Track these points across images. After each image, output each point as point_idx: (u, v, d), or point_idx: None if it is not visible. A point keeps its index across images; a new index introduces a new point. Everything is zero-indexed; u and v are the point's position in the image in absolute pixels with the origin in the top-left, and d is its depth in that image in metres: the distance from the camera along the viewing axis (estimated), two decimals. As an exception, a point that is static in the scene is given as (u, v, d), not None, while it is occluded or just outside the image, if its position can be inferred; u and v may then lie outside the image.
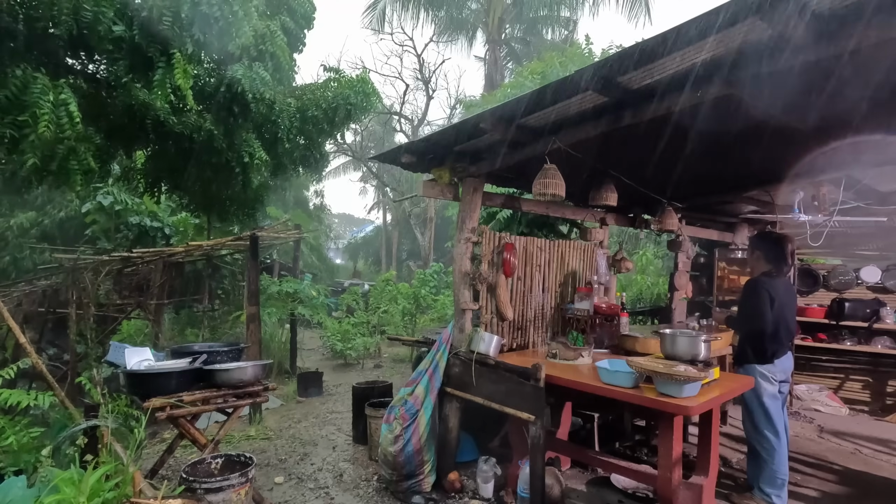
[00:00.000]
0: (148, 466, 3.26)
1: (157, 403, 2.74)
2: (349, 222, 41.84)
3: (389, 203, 24.31)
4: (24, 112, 3.09)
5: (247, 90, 4.17)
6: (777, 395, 3.17)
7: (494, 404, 3.11)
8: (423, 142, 3.55)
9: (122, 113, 4.06)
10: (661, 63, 2.24)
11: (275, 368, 6.98)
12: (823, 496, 3.42)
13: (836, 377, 5.73)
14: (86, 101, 3.80)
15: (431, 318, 9.93)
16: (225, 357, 3.33)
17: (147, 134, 4.35)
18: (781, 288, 3.21)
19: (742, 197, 4.83)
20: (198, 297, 7.81)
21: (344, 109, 5.27)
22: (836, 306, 5.52)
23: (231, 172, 4.91)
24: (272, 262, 9.88)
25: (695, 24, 1.88)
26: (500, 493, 3.30)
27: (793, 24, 1.83)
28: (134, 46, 3.45)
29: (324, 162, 6.03)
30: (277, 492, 3.48)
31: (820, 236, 4.21)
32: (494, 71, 16.98)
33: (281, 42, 4.43)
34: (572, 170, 3.24)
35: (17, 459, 2.47)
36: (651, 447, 4.06)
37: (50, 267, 6.89)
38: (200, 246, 6.02)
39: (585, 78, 2.37)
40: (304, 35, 5.22)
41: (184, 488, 2.30)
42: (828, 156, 3.20)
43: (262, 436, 4.63)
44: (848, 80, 2.20)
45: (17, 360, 2.98)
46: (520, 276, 3.92)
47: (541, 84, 3.36)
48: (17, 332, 2.87)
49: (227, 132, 4.64)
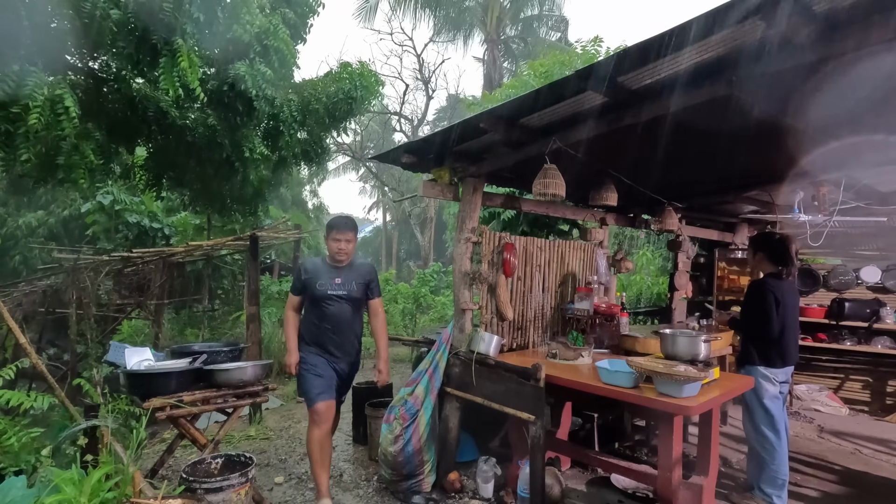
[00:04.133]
0: (148, 466, 3.26)
1: (157, 403, 2.74)
2: (349, 222, 41.76)
3: (389, 203, 24.32)
4: (14, 106, 3.09)
5: (250, 87, 4.17)
6: (778, 396, 3.17)
7: (494, 404, 3.11)
8: (423, 142, 3.55)
9: (123, 106, 4.06)
10: (661, 63, 2.24)
11: (275, 368, 6.97)
12: (823, 496, 3.42)
13: (836, 377, 5.73)
14: (86, 97, 3.80)
15: (431, 318, 9.92)
16: (225, 357, 3.33)
17: (149, 126, 4.35)
18: (787, 291, 3.21)
19: (742, 197, 4.82)
20: (198, 297, 7.81)
21: (345, 103, 5.27)
22: (836, 306, 5.51)
23: (232, 168, 4.92)
24: (272, 262, 9.88)
25: (695, 24, 1.88)
26: (500, 493, 3.30)
27: (793, 24, 1.83)
28: (136, 36, 3.44)
29: (325, 157, 6.04)
30: (277, 492, 3.48)
31: (820, 236, 4.21)
32: (493, 70, 16.99)
33: (284, 36, 4.43)
34: (572, 170, 3.24)
35: (17, 459, 2.47)
36: (651, 447, 4.06)
37: (50, 267, 6.89)
38: (200, 246, 6.02)
39: (586, 78, 2.37)
40: (308, 24, 5.21)
41: (184, 488, 2.30)
42: (828, 156, 3.20)
43: (262, 436, 4.63)
44: (848, 79, 2.20)
45: (17, 360, 2.98)
46: (520, 276, 3.92)
47: (545, 82, 3.36)
48: (17, 332, 2.87)
49: (230, 128, 4.64)
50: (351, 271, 3.22)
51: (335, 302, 3.14)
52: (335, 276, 3.17)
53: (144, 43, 3.51)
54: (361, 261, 3.40)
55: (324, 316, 3.14)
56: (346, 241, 3.16)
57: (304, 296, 3.22)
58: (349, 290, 3.18)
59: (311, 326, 3.19)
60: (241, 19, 3.69)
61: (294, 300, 3.27)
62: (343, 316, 3.17)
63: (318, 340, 3.16)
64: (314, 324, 3.17)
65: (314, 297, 3.14)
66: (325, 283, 3.14)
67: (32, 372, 3.46)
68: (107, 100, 4.12)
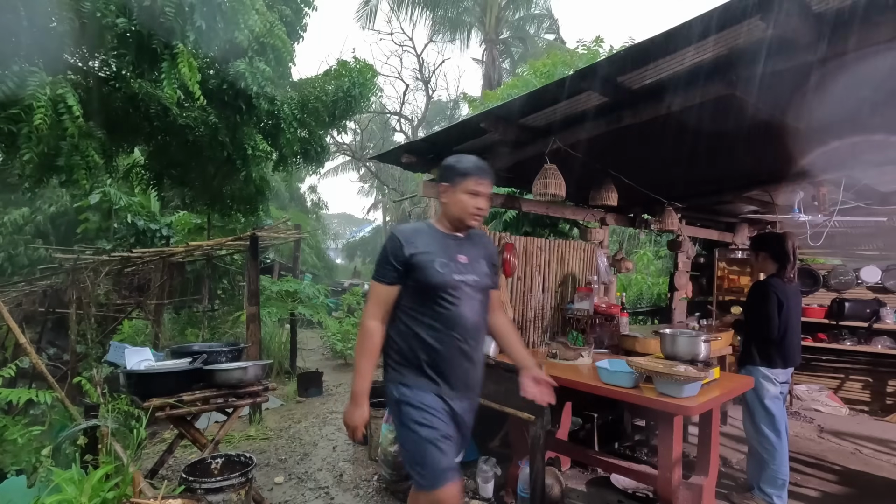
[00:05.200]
0: (148, 466, 3.26)
1: (157, 403, 2.74)
2: (349, 222, 41.87)
3: (389, 203, 24.32)
4: (16, 106, 3.09)
5: (250, 85, 4.17)
6: (779, 396, 3.17)
7: (494, 404, 3.11)
8: (424, 142, 3.55)
9: (124, 105, 4.06)
10: (660, 63, 2.24)
11: (275, 368, 6.98)
12: (823, 496, 3.42)
13: (836, 377, 5.73)
14: (86, 96, 3.80)
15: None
16: (225, 357, 3.33)
17: (151, 124, 4.35)
18: (790, 292, 3.21)
19: (742, 197, 4.83)
20: (198, 298, 7.80)
21: (344, 101, 5.29)
22: (836, 306, 5.51)
23: (233, 167, 4.92)
24: (272, 263, 9.88)
25: (695, 24, 1.89)
26: (500, 493, 3.30)
27: (793, 24, 1.83)
28: (138, 41, 3.44)
29: (325, 154, 6.04)
30: (277, 492, 3.48)
31: (820, 236, 4.21)
32: (492, 70, 17.00)
33: (281, 33, 4.44)
34: (572, 170, 3.24)
35: (17, 459, 2.47)
36: (651, 447, 4.06)
37: (50, 267, 6.89)
38: (200, 246, 6.01)
39: (586, 78, 2.37)
40: (304, 20, 5.22)
41: (184, 488, 2.30)
42: (828, 156, 3.20)
43: (262, 436, 4.63)
44: (848, 79, 2.20)
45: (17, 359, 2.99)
46: (520, 276, 3.92)
47: (546, 82, 3.36)
48: (16, 332, 2.87)
49: (231, 126, 4.65)
50: (473, 245, 2.05)
51: (463, 294, 1.93)
52: (457, 252, 1.97)
53: (145, 48, 3.51)
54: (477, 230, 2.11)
55: (443, 319, 1.91)
56: (487, 196, 1.99)
57: (404, 286, 1.94)
58: (479, 274, 2.00)
59: (413, 340, 1.93)
60: (239, 25, 3.70)
61: (387, 295, 1.94)
62: (473, 319, 1.97)
63: (432, 363, 1.92)
64: (421, 335, 1.92)
65: (428, 286, 1.89)
66: (447, 263, 1.91)
67: (32, 372, 3.46)
68: (107, 98, 4.12)
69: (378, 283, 1.94)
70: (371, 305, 1.95)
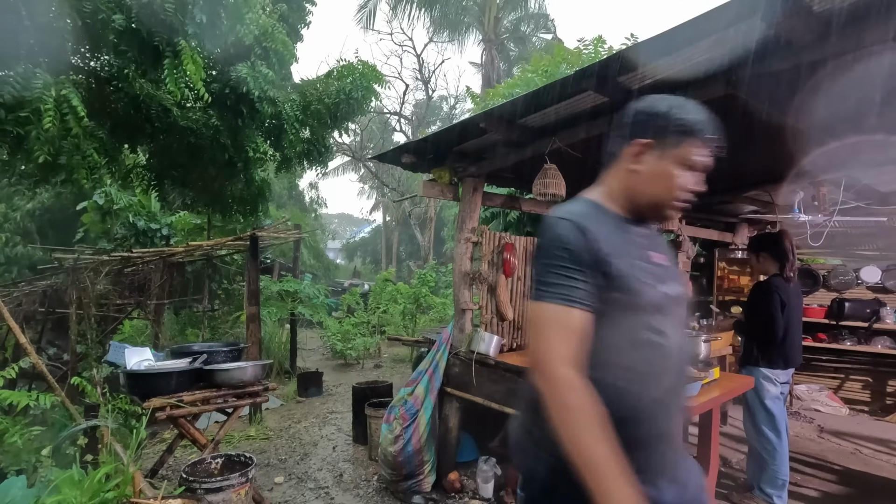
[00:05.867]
0: (148, 466, 3.26)
1: (157, 403, 2.74)
2: (349, 222, 41.92)
3: (389, 203, 24.33)
4: (24, 108, 3.09)
5: (252, 89, 4.17)
6: (780, 397, 3.17)
7: (494, 404, 3.11)
8: (424, 142, 3.55)
9: (126, 105, 4.06)
10: (660, 63, 2.24)
11: (275, 368, 6.98)
12: (823, 496, 3.42)
13: (836, 377, 5.73)
14: (89, 96, 3.80)
15: (431, 318, 9.92)
16: (225, 357, 3.33)
17: (152, 124, 4.36)
18: (792, 292, 3.21)
19: (742, 197, 4.82)
20: (198, 298, 7.80)
21: (346, 104, 5.29)
22: (836, 306, 5.51)
23: (234, 169, 4.92)
24: (272, 263, 9.88)
25: (694, 23, 1.89)
26: (500, 493, 3.30)
27: (793, 24, 1.83)
28: (139, 39, 3.44)
29: (328, 155, 6.04)
30: (277, 492, 3.48)
31: (820, 236, 4.21)
32: (492, 71, 17.00)
33: (282, 36, 4.44)
34: (573, 169, 3.24)
35: (17, 459, 2.47)
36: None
37: (50, 267, 6.88)
38: (200, 246, 6.01)
39: (585, 78, 2.37)
40: (307, 18, 5.22)
41: (184, 488, 2.30)
42: (828, 156, 3.20)
43: (262, 436, 4.63)
44: (848, 79, 2.20)
45: (18, 360, 2.98)
46: (520, 276, 3.92)
47: (549, 80, 3.36)
48: (17, 332, 2.87)
49: (233, 129, 4.65)
50: (661, 240, 1.38)
51: (675, 319, 1.21)
52: (649, 249, 1.25)
53: (146, 45, 3.51)
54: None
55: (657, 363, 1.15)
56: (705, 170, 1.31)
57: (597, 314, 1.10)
58: (682, 283, 1.32)
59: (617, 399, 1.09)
60: (243, 19, 3.69)
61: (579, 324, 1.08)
62: (682, 357, 1.25)
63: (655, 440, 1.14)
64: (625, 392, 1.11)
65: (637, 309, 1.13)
66: (647, 269, 1.18)
67: (32, 372, 3.46)
68: (109, 99, 4.12)
69: (556, 304, 1.08)
70: (554, 342, 1.06)
